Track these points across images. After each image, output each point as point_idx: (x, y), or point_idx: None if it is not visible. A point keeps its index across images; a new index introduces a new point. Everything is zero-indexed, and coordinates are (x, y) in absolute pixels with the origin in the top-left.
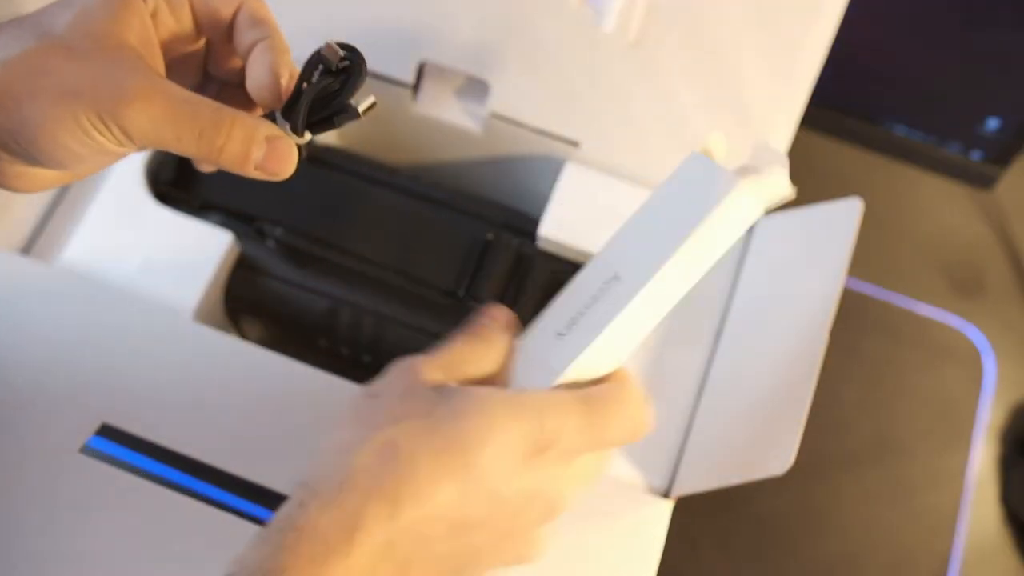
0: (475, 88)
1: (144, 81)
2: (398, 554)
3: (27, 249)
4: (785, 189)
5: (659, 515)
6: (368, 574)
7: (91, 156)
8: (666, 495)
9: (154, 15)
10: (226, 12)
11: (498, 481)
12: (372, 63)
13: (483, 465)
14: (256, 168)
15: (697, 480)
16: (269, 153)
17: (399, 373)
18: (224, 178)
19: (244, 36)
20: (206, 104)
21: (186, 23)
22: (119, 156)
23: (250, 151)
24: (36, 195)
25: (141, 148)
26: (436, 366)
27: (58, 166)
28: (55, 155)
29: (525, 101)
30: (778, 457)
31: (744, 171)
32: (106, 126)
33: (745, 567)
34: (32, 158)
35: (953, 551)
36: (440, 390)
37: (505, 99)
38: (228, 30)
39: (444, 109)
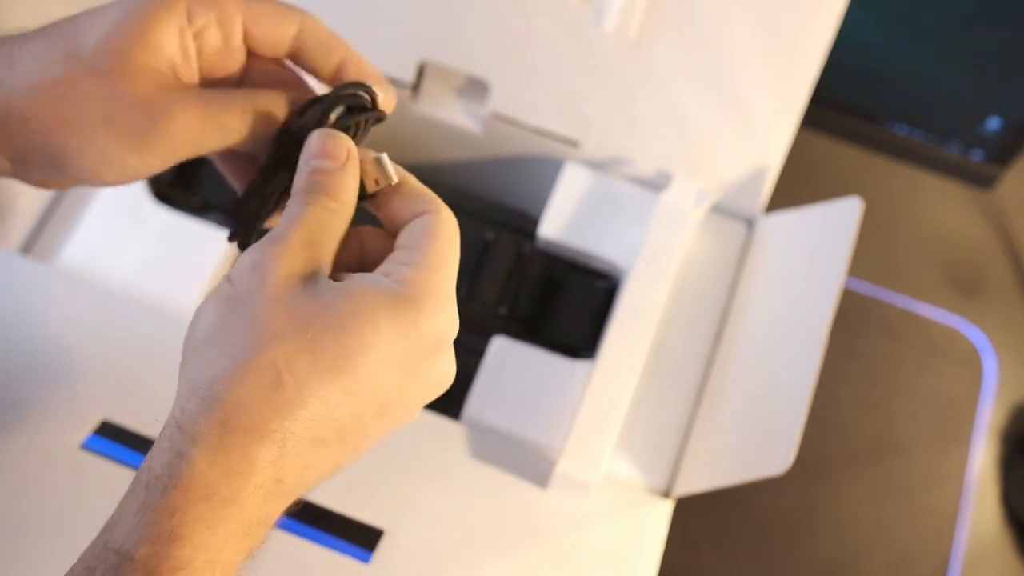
0: (475, 88)
1: (177, 104)
2: (287, 485)
3: (27, 249)
4: None
5: (659, 515)
6: (258, 514)
7: (125, 176)
8: (666, 495)
9: (199, 33)
10: (284, 35)
11: (385, 390)
12: (372, 63)
13: (370, 377)
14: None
15: (697, 480)
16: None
17: (257, 268)
18: (224, 178)
19: (323, 58)
20: (236, 93)
21: (234, 43)
22: (152, 172)
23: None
24: (36, 195)
25: (181, 158)
26: (296, 252)
27: (89, 184)
28: (87, 176)
29: (525, 101)
30: (778, 457)
31: None
32: (138, 153)
33: (745, 567)
34: (63, 174)
35: (953, 551)
36: (311, 290)
37: (505, 99)
38: (279, 51)
39: (444, 109)
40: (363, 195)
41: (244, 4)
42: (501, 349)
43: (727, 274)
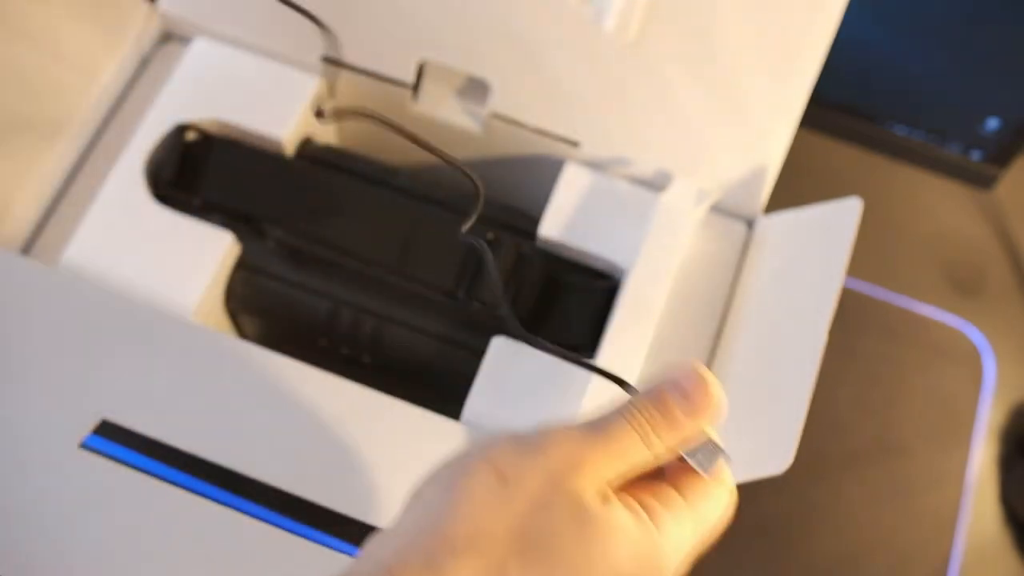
0: (475, 88)
1: None
2: None
3: (27, 249)
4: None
5: None
6: None
7: None
8: None
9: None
10: None
11: None
12: (372, 63)
13: None
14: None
15: None
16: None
17: (550, 462)
18: (224, 178)
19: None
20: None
21: None
22: None
23: None
24: (36, 195)
25: None
26: (597, 471)
27: None
28: None
29: (525, 101)
30: (778, 457)
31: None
32: None
33: (745, 567)
34: None
35: (953, 551)
36: (582, 514)
37: (505, 99)
38: None
39: (444, 109)
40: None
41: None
42: (501, 349)
43: (727, 274)
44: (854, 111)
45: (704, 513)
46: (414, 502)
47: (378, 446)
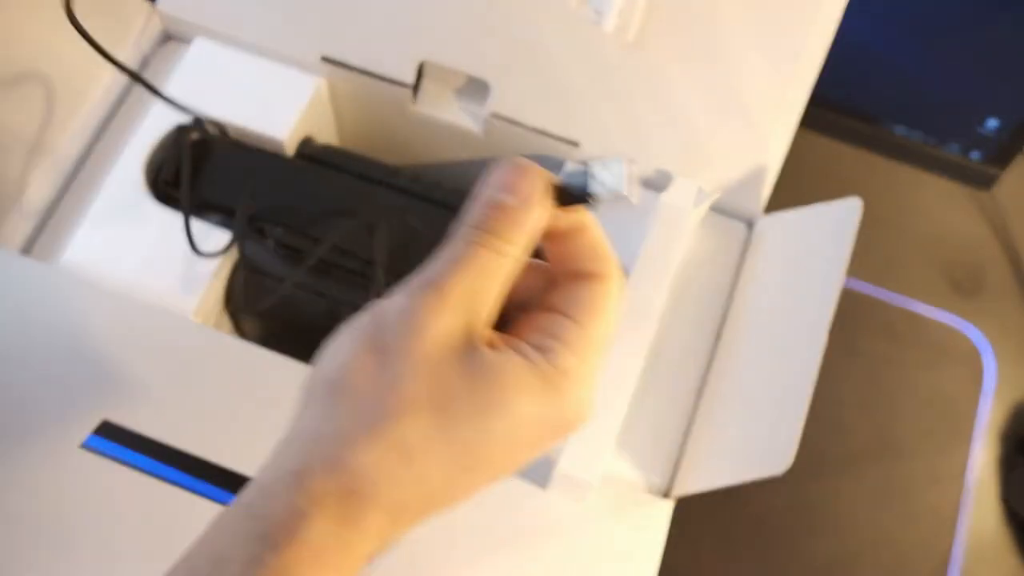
0: (475, 88)
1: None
2: (384, 547)
3: (27, 249)
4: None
5: (659, 515)
6: (355, 573)
7: None
8: (666, 495)
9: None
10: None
11: (505, 466)
12: (372, 63)
13: (495, 460)
14: None
15: (697, 480)
16: None
17: (410, 318)
18: (224, 178)
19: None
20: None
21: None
22: None
23: None
24: (36, 195)
25: None
26: (455, 308)
27: None
28: None
29: (525, 101)
30: (778, 457)
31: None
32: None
33: (745, 567)
34: None
35: (953, 551)
36: (462, 361)
37: (505, 99)
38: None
39: (444, 109)
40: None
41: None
42: None
43: (727, 274)
44: (854, 111)
45: (600, 327)
46: (307, 399)
47: None
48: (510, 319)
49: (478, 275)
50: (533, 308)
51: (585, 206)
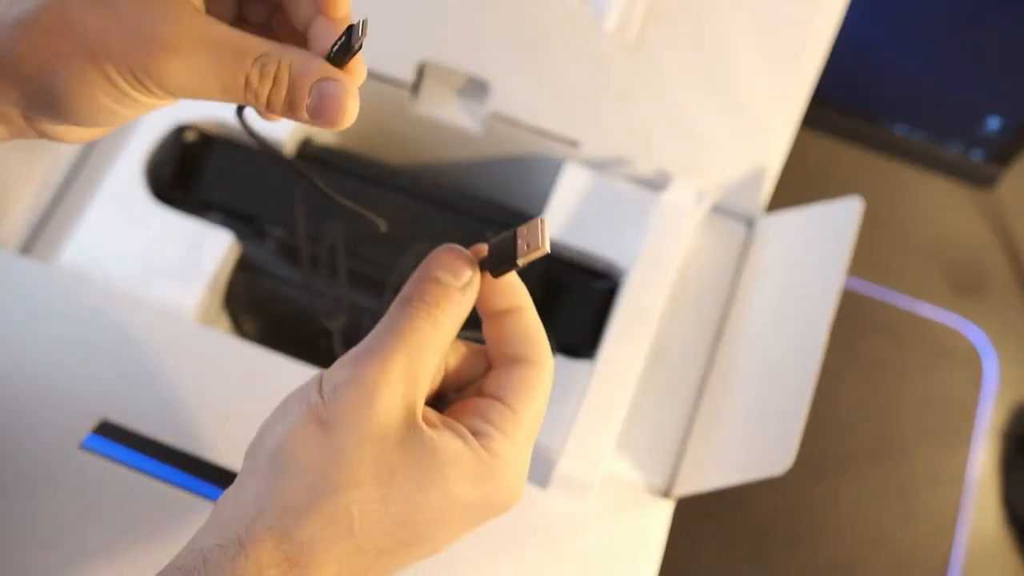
0: (475, 88)
1: (179, 28)
2: None
3: (27, 249)
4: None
5: (659, 515)
6: None
7: (128, 111)
8: (666, 495)
9: None
10: None
11: (442, 541)
12: (372, 63)
13: (433, 536)
14: (310, 115)
15: (697, 480)
16: (322, 98)
17: (356, 390)
18: (224, 178)
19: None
20: (251, 46)
21: None
22: (159, 107)
23: (302, 97)
24: (36, 195)
25: (183, 99)
26: (397, 380)
27: (94, 124)
28: (90, 116)
29: (525, 101)
30: (778, 457)
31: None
32: (140, 82)
33: (745, 567)
34: (66, 118)
35: (953, 551)
36: (404, 439)
37: (505, 99)
38: None
39: (444, 109)
40: (503, 264)
41: None
42: None
43: (727, 274)
44: (854, 111)
45: (532, 411)
46: (251, 467)
47: None
48: (448, 399)
49: (417, 346)
50: (470, 390)
51: (514, 268)
